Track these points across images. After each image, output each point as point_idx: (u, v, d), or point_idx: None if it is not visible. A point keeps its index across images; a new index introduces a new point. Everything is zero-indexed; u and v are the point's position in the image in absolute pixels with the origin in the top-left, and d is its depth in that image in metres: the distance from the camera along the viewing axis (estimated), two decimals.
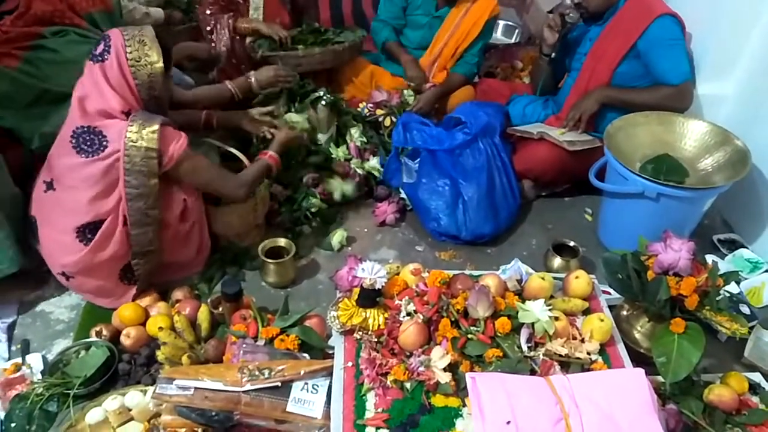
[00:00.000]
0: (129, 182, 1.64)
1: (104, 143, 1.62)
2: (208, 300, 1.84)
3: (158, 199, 1.69)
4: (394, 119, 2.56)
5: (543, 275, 1.64)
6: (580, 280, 1.65)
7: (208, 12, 2.62)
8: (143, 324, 1.74)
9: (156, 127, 1.62)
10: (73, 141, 1.64)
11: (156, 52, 1.64)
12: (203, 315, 1.77)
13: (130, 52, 1.62)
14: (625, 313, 1.77)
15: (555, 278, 1.68)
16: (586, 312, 1.62)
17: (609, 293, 1.83)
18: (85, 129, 1.63)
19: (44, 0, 1.95)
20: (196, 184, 1.81)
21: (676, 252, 1.55)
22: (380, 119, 2.59)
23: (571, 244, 2.11)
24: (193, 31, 2.79)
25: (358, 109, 2.60)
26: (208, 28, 2.62)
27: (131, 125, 1.61)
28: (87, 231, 1.70)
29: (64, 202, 1.70)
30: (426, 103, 2.69)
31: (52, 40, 1.91)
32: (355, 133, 2.45)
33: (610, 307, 1.70)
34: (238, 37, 2.61)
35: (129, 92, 1.65)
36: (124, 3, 2.68)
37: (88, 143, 1.63)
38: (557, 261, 2.05)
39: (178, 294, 1.88)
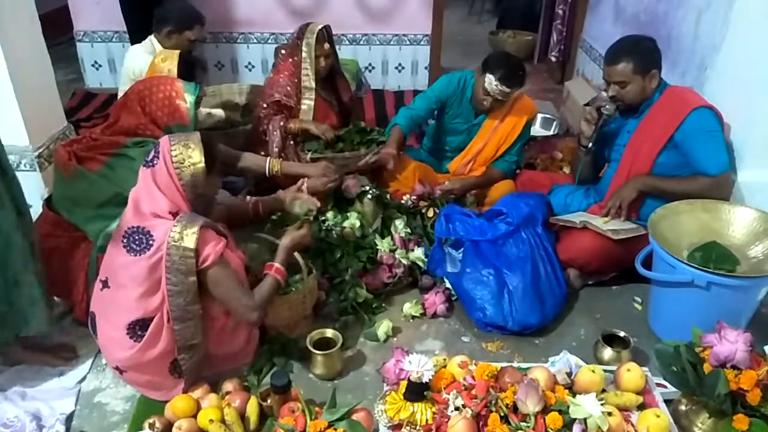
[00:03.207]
0: (170, 279, 1.70)
1: (150, 242, 1.71)
2: (257, 392, 1.86)
3: (198, 295, 1.75)
4: (436, 210, 2.63)
5: (593, 368, 1.61)
6: (632, 373, 1.61)
7: (261, 115, 2.83)
8: (195, 416, 1.77)
9: (196, 228, 1.70)
10: (124, 240, 1.74)
11: (198, 152, 1.75)
12: (252, 407, 1.78)
13: (175, 155, 1.74)
14: (683, 408, 1.70)
15: (606, 371, 1.64)
16: (641, 407, 1.57)
17: (664, 386, 1.76)
18: (136, 229, 1.73)
19: (131, 113, 2.15)
20: (216, 294, 1.78)
21: (731, 343, 1.52)
22: (423, 210, 2.67)
23: (622, 334, 2.05)
24: (250, 134, 2.99)
25: (402, 201, 2.70)
26: (262, 129, 2.82)
27: (175, 226, 1.70)
28: (137, 328, 1.77)
29: (116, 300, 1.79)
30: (460, 188, 2.79)
31: (132, 149, 2.07)
32: (399, 225, 2.52)
33: (667, 402, 1.64)
34: (291, 141, 2.79)
35: (176, 192, 1.75)
36: None
37: (137, 242, 1.72)
38: (608, 352, 2.00)
39: (228, 386, 1.91)
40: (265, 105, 2.82)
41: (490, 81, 2.64)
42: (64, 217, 2.09)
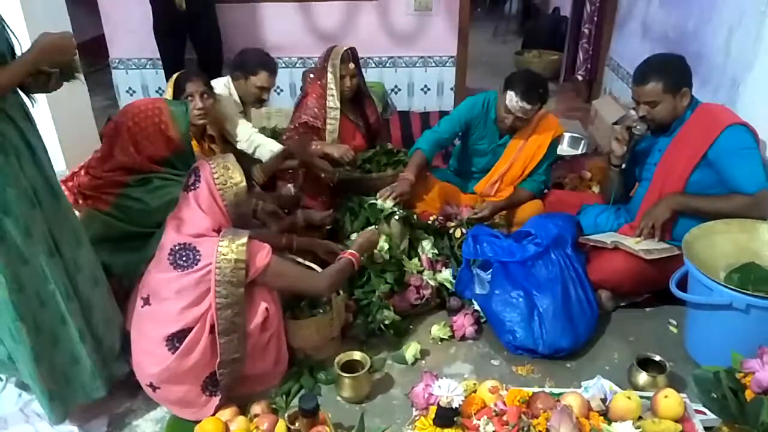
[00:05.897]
0: (219, 292, 1.76)
1: (197, 258, 1.77)
2: (285, 415, 1.85)
3: (243, 307, 1.81)
4: (464, 231, 2.61)
5: (629, 394, 1.57)
6: (670, 400, 1.56)
7: (286, 136, 2.86)
8: None
9: (244, 240, 1.78)
10: (171, 258, 1.79)
11: (239, 173, 1.84)
12: (280, 431, 1.78)
13: (217, 177, 1.82)
14: None
15: (642, 397, 1.59)
16: None
17: (704, 413, 1.70)
18: (182, 246, 1.79)
19: (124, 152, 2.08)
20: (283, 286, 1.94)
21: None
22: (451, 231, 2.65)
23: (657, 358, 1.99)
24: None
25: (429, 222, 2.68)
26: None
27: (222, 240, 1.77)
28: (176, 340, 1.80)
29: (157, 314, 1.83)
30: (490, 213, 2.75)
31: (137, 189, 2.06)
32: (426, 246, 2.51)
33: (707, 430, 1.58)
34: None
35: (219, 212, 1.83)
36: (240, 144, 2.82)
37: (184, 258, 1.78)
38: (643, 377, 1.94)
39: (256, 408, 1.91)
40: (292, 127, 2.85)
41: (511, 98, 2.62)
42: None
